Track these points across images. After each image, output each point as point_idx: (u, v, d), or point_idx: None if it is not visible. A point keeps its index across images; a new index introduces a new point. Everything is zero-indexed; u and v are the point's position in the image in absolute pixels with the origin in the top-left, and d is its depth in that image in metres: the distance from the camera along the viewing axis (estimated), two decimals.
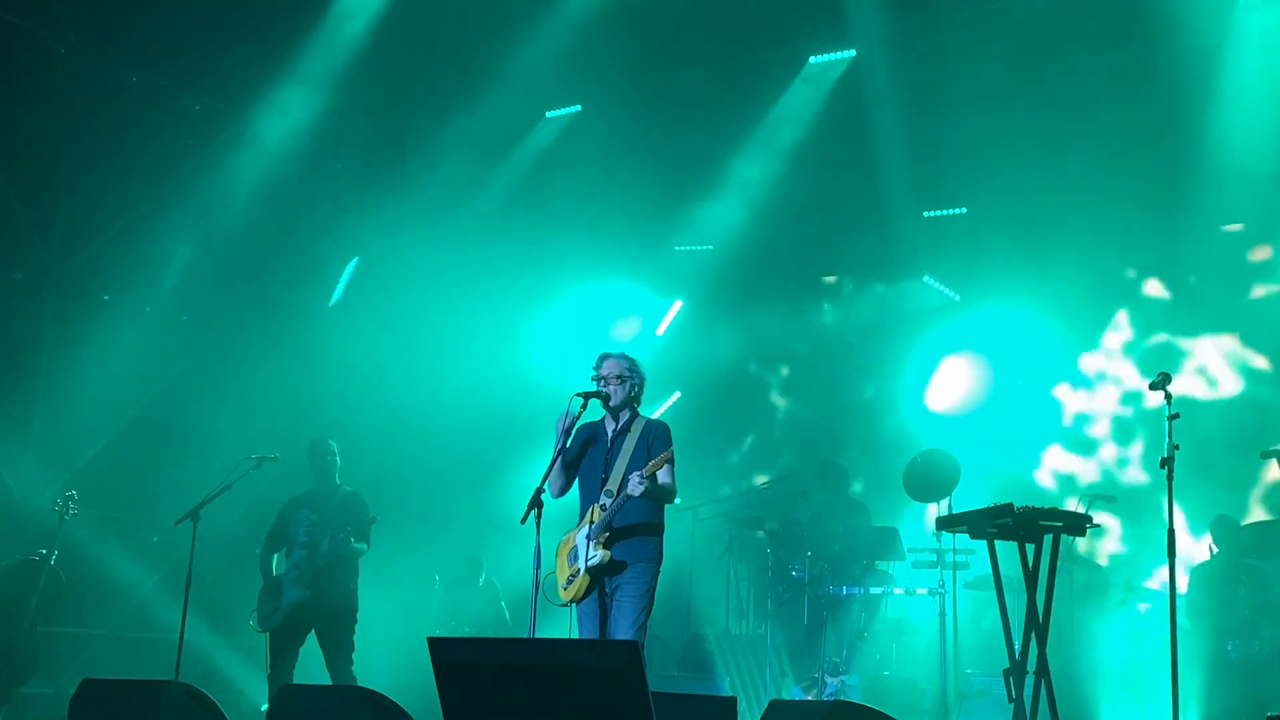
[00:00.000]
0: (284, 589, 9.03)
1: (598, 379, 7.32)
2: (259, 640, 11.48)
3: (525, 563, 6.98)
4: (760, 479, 13.05)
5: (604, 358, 7.41)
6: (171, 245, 11.73)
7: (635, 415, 7.34)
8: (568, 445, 7.18)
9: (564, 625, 7.40)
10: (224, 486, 9.00)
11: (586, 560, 6.97)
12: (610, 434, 7.29)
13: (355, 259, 13.52)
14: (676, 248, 13.93)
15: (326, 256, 12.75)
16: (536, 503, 6.87)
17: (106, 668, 9.84)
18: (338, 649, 9.07)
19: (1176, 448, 6.80)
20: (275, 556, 9.25)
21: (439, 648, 4.97)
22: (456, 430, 12.45)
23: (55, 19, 10.93)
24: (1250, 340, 12.04)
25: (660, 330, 14.23)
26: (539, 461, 7.10)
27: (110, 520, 11.07)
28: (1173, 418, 6.81)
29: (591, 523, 7.07)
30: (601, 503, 7.07)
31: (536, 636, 6.76)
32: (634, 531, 7.06)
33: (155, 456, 11.42)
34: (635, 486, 6.85)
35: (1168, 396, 6.89)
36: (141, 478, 11.33)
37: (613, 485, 7.06)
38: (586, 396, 7.19)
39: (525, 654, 4.96)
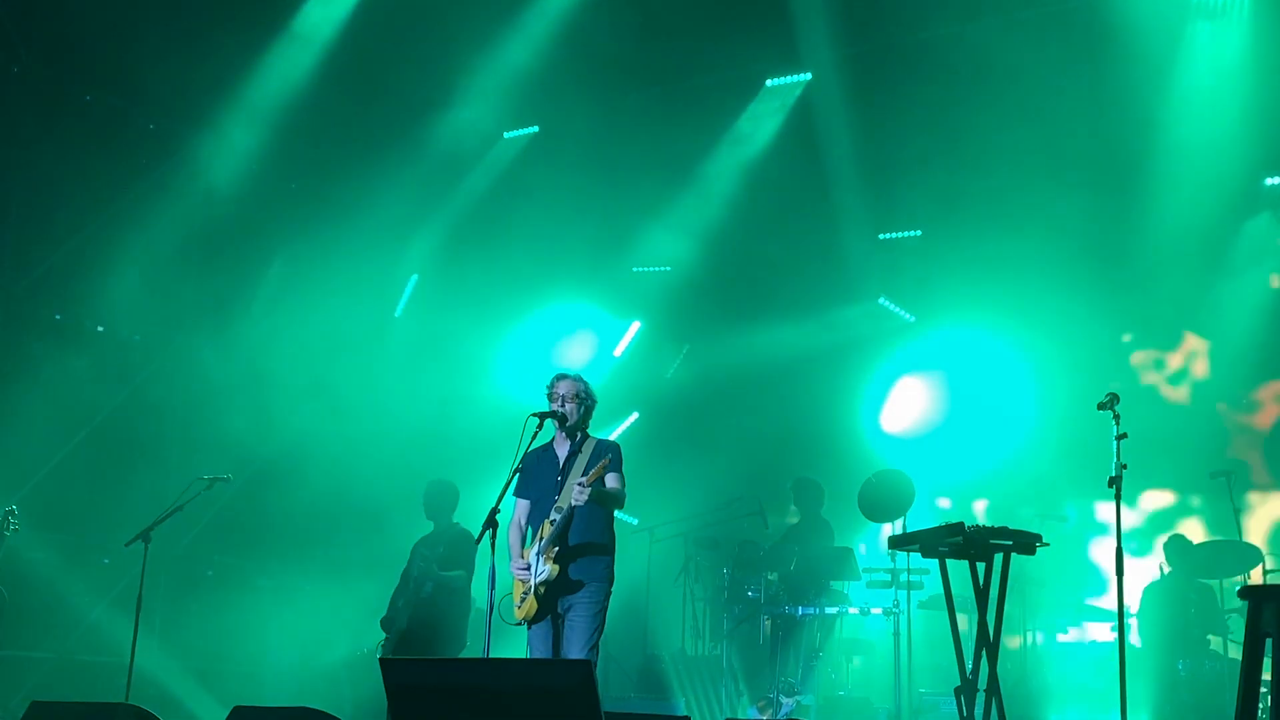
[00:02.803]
0: (397, 620, 9.29)
1: (553, 399, 7.33)
2: (211, 663, 11.46)
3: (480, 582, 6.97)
4: (717, 500, 13.03)
5: (559, 378, 7.44)
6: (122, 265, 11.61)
7: (587, 436, 7.37)
8: (521, 469, 7.19)
9: (518, 646, 7.38)
10: (175, 507, 8.95)
11: (535, 575, 6.98)
12: (563, 455, 7.30)
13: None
14: (634, 269, 13.94)
15: (281, 278, 12.66)
16: (491, 523, 6.86)
17: (56, 691, 9.71)
18: None
19: (1124, 467, 6.87)
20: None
21: (391, 669, 4.95)
22: (411, 450, 12.38)
23: (8, 37, 10.84)
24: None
25: (618, 351, 14.23)
26: (495, 482, 7.08)
27: (60, 542, 10.92)
28: (1120, 437, 6.89)
29: (542, 539, 7.07)
30: (551, 518, 7.08)
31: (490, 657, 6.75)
32: (584, 551, 7.08)
33: (106, 478, 11.29)
34: (579, 495, 6.87)
35: (1115, 416, 6.97)
36: (92, 499, 11.20)
37: (564, 503, 7.07)
38: (542, 417, 7.20)
39: (478, 675, 4.95)
